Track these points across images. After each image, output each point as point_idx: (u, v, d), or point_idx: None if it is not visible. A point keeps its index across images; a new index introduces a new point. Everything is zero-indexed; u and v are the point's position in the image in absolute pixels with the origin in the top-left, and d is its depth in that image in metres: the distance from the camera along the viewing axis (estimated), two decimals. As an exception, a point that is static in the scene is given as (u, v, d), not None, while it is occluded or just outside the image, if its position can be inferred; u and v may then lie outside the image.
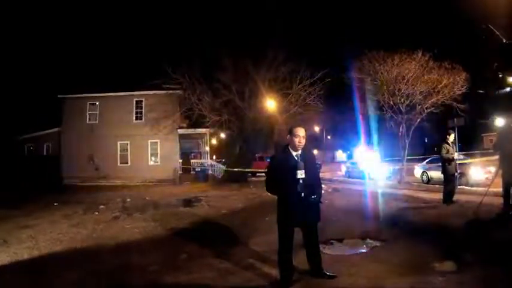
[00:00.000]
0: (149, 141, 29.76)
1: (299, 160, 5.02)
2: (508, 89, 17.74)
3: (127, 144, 29.83)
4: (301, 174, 4.93)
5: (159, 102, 28.01)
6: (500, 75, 18.86)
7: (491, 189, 10.06)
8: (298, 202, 4.91)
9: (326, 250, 6.48)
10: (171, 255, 6.77)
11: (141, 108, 29.82)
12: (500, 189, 9.17)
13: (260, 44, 23.37)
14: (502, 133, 10.37)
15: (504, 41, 17.18)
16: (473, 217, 8.79)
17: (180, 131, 29.81)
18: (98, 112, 29.93)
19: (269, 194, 5.30)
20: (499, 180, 9.19)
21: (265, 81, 24.29)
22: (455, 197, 11.47)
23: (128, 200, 15.51)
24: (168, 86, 24.57)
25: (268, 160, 5.54)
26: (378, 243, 6.99)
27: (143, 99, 29.79)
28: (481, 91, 20.51)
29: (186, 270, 5.90)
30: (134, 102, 29.98)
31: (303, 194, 4.91)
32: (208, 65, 23.97)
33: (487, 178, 15.05)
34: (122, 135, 29.48)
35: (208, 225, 9.91)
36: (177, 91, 25.97)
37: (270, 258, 5.78)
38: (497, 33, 17.42)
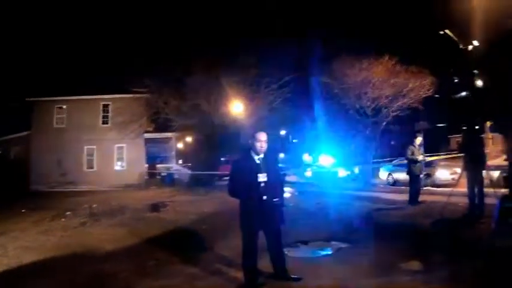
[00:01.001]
0: (116, 145, 29.34)
1: (260, 164, 5.05)
2: (463, 93, 18.14)
3: (93, 149, 29.28)
4: (262, 177, 4.96)
5: (126, 105, 27.21)
6: (456, 80, 19.32)
7: (457, 190, 10.26)
8: (260, 206, 4.92)
9: (291, 253, 6.51)
10: (140, 262, 6.68)
11: (108, 112, 29.34)
12: (465, 190, 9.37)
13: (228, 48, 23.28)
14: (467, 135, 10.60)
15: (460, 46, 17.54)
16: (439, 217, 8.96)
17: (147, 135, 29.48)
18: (65, 116, 29.35)
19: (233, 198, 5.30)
20: (464, 181, 9.39)
21: (232, 85, 24.17)
22: (421, 198, 11.72)
23: (95, 205, 15.19)
24: (135, 89, 24.25)
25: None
26: (344, 245, 7.05)
27: (110, 103, 29.30)
28: (436, 95, 21.00)
29: (155, 276, 5.87)
30: (101, 106, 29.49)
31: (264, 197, 4.93)
32: (175, 68, 23.69)
33: (453, 179, 15.33)
34: (89, 140, 28.87)
35: (176, 230, 9.80)
36: (144, 95, 25.62)
37: (236, 262, 5.74)
38: (455, 38, 17.80)
